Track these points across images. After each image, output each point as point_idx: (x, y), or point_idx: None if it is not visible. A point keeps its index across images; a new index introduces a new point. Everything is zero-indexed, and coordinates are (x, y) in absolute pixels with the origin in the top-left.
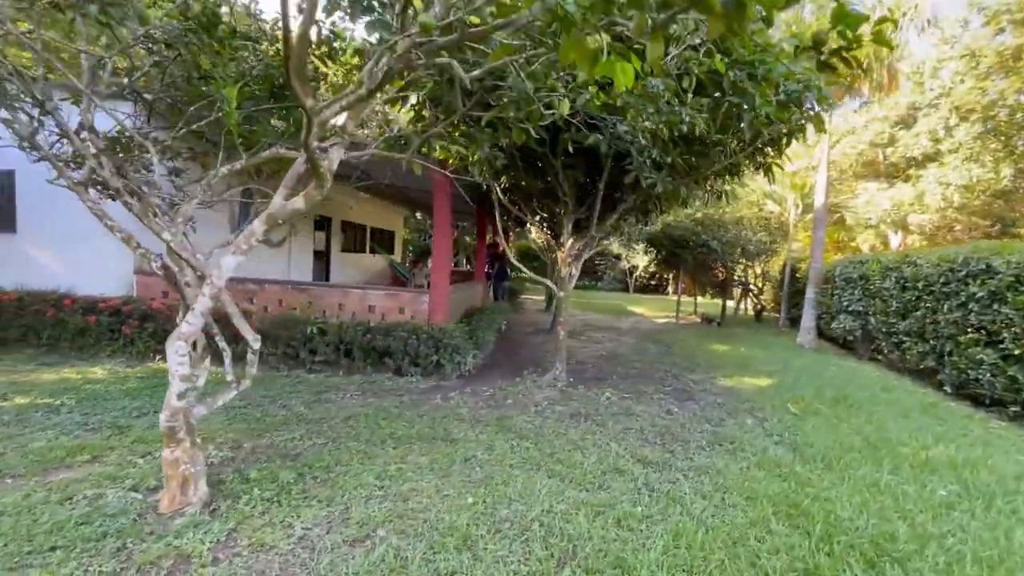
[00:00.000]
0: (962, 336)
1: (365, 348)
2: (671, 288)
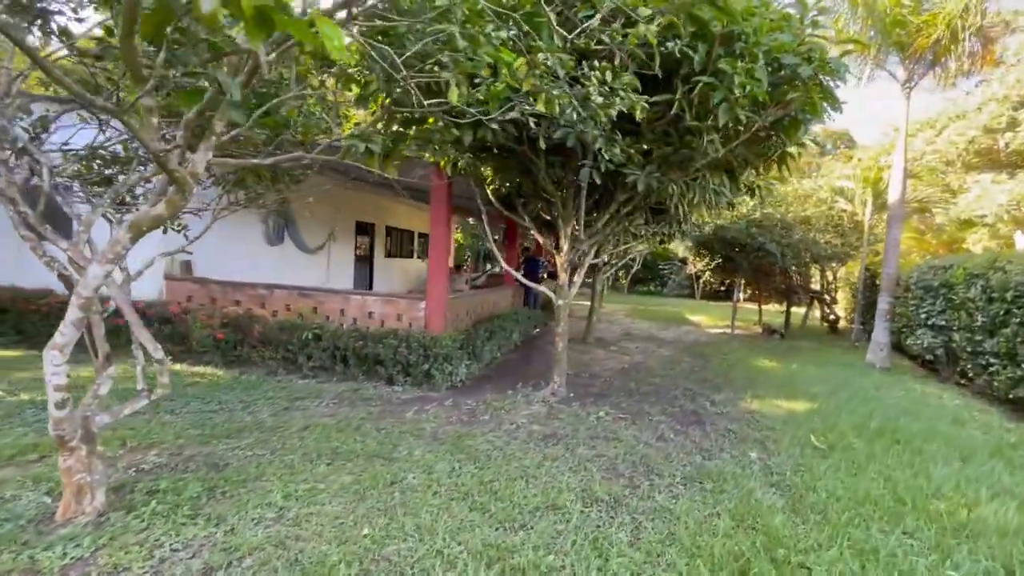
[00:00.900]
0: None
1: (359, 355)
2: (741, 295)
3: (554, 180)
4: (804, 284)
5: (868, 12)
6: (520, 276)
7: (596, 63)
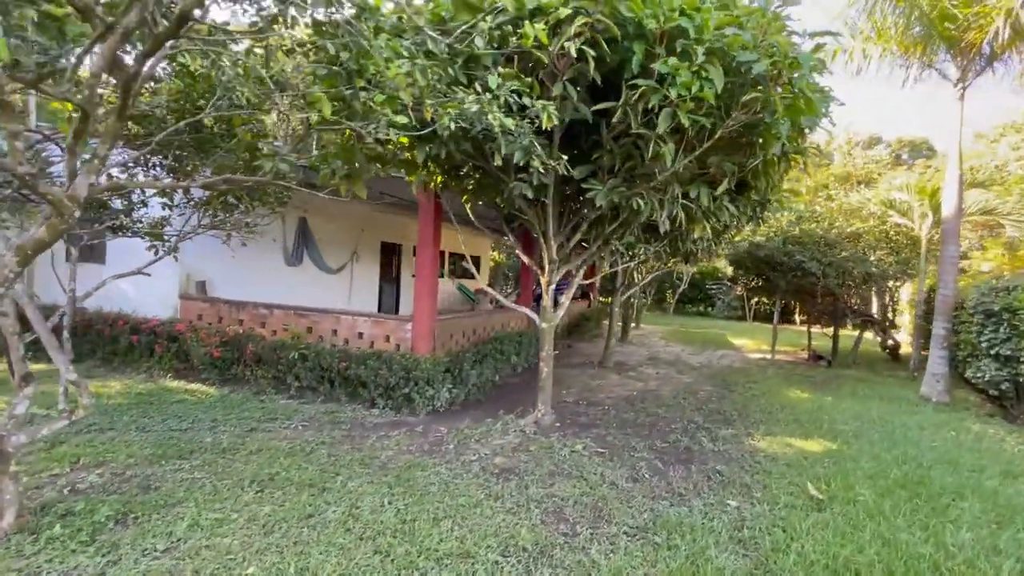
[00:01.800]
0: None
1: (344, 376)
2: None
3: (528, 198)
4: (852, 306)
5: (911, 5)
6: (510, 302)
7: (485, 70)
